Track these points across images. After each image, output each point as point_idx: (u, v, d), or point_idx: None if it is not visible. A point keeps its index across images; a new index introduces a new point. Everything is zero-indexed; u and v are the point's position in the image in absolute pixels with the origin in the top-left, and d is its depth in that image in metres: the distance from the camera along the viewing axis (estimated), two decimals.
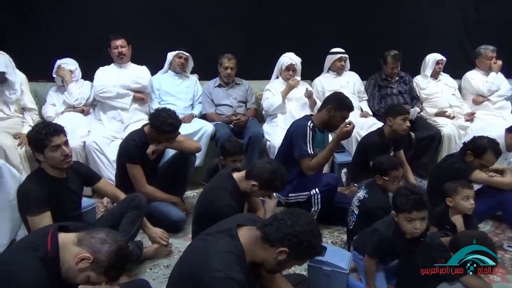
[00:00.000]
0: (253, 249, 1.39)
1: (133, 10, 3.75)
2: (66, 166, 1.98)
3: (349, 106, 2.59)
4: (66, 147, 1.96)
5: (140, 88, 3.39)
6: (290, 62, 3.48)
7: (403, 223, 1.84)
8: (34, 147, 1.94)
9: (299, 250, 1.37)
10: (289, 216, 1.39)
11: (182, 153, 2.69)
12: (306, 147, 2.53)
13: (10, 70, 2.95)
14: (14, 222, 2.11)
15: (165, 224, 2.52)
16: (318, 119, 2.63)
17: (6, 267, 1.31)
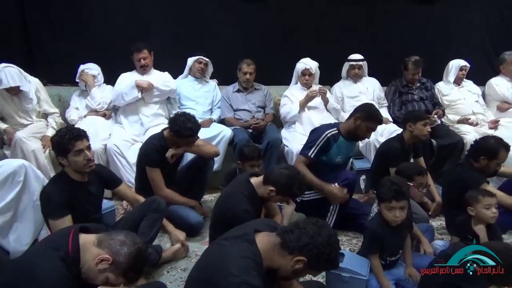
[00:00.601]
0: (270, 255, 1.39)
1: (155, 17, 3.82)
2: (88, 170, 2.03)
3: (377, 118, 2.55)
4: (89, 152, 2.00)
5: (168, 92, 3.43)
6: (305, 67, 3.48)
7: (385, 212, 1.95)
8: (58, 151, 1.99)
9: (317, 261, 1.35)
10: (312, 226, 1.38)
11: (200, 157, 2.71)
12: (310, 150, 2.56)
13: (23, 81, 2.96)
14: (37, 222, 2.16)
15: (183, 228, 2.54)
16: (345, 127, 2.61)
17: (29, 266, 1.35)
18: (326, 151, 2.57)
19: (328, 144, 2.56)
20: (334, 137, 2.57)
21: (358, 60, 3.67)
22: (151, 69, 3.51)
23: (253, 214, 1.97)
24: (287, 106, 3.45)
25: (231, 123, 3.42)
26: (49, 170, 3.00)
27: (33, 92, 3.07)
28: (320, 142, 2.55)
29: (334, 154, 2.60)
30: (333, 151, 2.58)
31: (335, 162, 2.63)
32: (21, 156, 2.85)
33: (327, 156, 2.59)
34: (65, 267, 1.33)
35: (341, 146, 2.60)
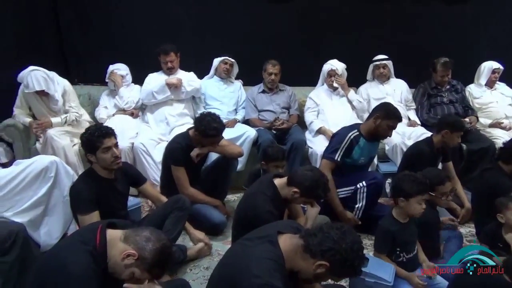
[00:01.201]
0: (293, 257, 1.38)
1: (182, 18, 3.87)
2: (115, 167, 2.08)
3: (397, 115, 2.56)
4: (116, 149, 2.06)
5: (193, 91, 3.48)
6: (331, 68, 3.45)
7: (414, 206, 1.94)
8: (87, 148, 2.05)
9: (339, 267, 1.33)
10: (336, 231, 1.35)
11: (224, 157, 2.73)
12: (335, 153, 2.57)
13: (49, 85, 3.03)
14: (66, 216, 2.22)
15: (206, 227, 2.57)
16: (365, 128, 2.63)
17: (58, 259, 1.39)
18: (350, 153, 2.60)
19: (351, 146, 2.59)
20: (356, 138, 2.59)
21: (382, 59, 3.62)
22: (177, 70, 3.57)
23: (276, 215, 1.97)
24: (311, 116, 3.43)
25: (255, 124, 3.43)
26: (78, 167, 3.09)
27: (59, 94, 3.15)
28: (344, 145, 2.58)
29: (357, 156, 2.62)
30: (356, 152, 2.61)
31: (359, 163, 2.66)
32: (51, 152, 2.95)
33: (351, 158, 2.61)
34: (92, 261, 1.37)
35: (363, 147, 2.62)
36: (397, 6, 3.85)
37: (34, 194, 2.08)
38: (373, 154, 2.81)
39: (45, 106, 3.14)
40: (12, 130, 3.14)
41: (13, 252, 1.81)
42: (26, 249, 1.87)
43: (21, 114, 3.14)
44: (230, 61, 3.59)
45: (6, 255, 1.79)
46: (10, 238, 1.80)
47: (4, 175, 2.06)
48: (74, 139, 3.19)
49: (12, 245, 1.81)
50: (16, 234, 1.83)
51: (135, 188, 2.38)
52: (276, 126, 3.36)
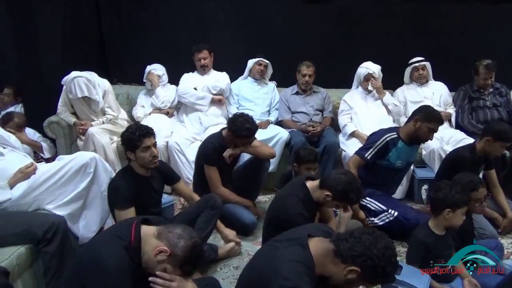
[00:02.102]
0: (323, 261, 1.36)
1: (217, 20, 3.92)
2: (153, 166, 2.15)
3: (437, 118, 2.48)
4: (155, 149, 2.12)
5: (218, 91, 3.53)
6: (367, 72, 3.38)
7: (459, 218, 1.88)
8: (127, 146, 2.12)
9: (371, 273, 1.30)
10: (367, 236, 1.32)
11: (256, 158, 2.74)
12: (367, 151, 2.54)
13: (91, 90, 3.17)
14: (103, 211, 2.29)
15: (236, 226, 2.58)
16: (405, 131, 2.57)
17: (95, 252, 1.45)
18: (384, 155, 2.53)
19: (387, 148, 2.53)
20: (394, 141, 2.53)
21: (420, 60, 3.51)
22: (211, 70, 3.62)
23: (308, 218, 1.95)
24: (345, 119, 3.39)
25: (288, 126, 3.42)
26: (116, 164, 3.21)
27: (100, 96, 3.28)
28: (378, 145, 2.52)
29: (394, 159, 2.55)
30: (392, 155, 2.54)
31: (396, 167, 2.59)
32: (92, 149, 3.08)
33: (387, 160, 2.55)
34: (127, 255, 1.41)
35: (400, 151, 2.55)
36: (437, 6, 3.72)
37: (74, 188, 2.16)
38: (412, 159, 2.73)
39: (87, 106, 3.28)
40: (55, 127, 3.30)
41: (54, 243, 1.88)
42: (66, 240, 1.95)
43: (64, 112, 3.30)
44: (265, 62, 3.60)
45: (47, 245, 1.87)
46: (52, 230, 1.88)
47: (47, 170, 2.16)
48: (113, 137, 3.31)
49: (54, 236, 1.88)
50: (57, 226, 1.91)
51: (169, 186, 2.43)
52: (312, 132, 3.31)
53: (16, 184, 2.08)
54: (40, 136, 3.38)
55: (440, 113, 2.53)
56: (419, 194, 3.05)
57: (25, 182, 2.10)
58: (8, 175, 2.09)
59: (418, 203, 3.05)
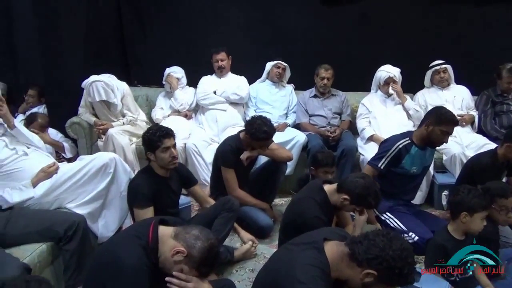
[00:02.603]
0: (339, 265, 1.35)
1: (237, 23, 3.94)
2: (172, 167, 2.18)
3: (450, 119, 2.37)
4: (174, 150, 2.15)
5: (237, 100, 3.55)
6: (388, 75, 3.34)
7: (477, 222, 1.85)
8: (147, 147, 2.16)
9: (388, 275, 1.28)
10: (382, 238, 1.30)
11: (273, 161, 2.74)
12: (380, 160, 2.46)
13: (109, 94, 3.24)
14: (122, 211, 2.34)
15: (252, 229, 2.59)
16: (417, 136, 2.48)
17: (114, 251, 1.47)
18: (398, 163, 2.45)
19: (400, 156, 2.44)
20: (406, 147, 2.45)
21: (441, 63, 3.44)
22: (228, 73, 3.65)
23: (324, 222, 1.94)
24: (363, 122, 3.35)
25: (306, 129, 3.40)
26: (134, 165, 3.26)
27: (119, 99, 3.35)
28: (391, 153, 2.44)
29: (408, 165, 2.47)
30: (406, 162, 2.46)
31: (411, 173, 2.51)
32: (112, 149, 3.14)
33: (401, 168, 2.47)
34: (145, 255, 1.43)
35: (414, 156, 2.47)
36: (458, 8, 3.64)
37: (94, 188, 2.21)
38: (427, 163, 2.64)
39: (106, 108, 3.35)
40: (77, 128, 3.37)
41: (74, 241, 1.93)
42: (85, 239, 2.00)
43: (85, 113, 3.38)
44: (283, 65, 3.60)
45: (68, 243, 1.92)
46: (73, 228, 1.93)
47: (68, 169, 2.22)
48: (133, 138, 3.38)
49: (74, 234, 1.93)
50: (78, 224, 1.95)
51: (185, 188, 2.46)
52: (332, 137, 3.26)
53: (39, 183, 2.14)
54: (62, 136, 3.46)
55: (453, 114, 2.42)
56: (439, 200, 2.99)
57: (47, 181, 2.15)
58: (32, 175, 2.14)
59: (438, 209, 2.99)
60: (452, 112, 2.45)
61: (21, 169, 2.13)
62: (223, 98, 3.53)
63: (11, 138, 2.20)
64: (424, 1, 3.67)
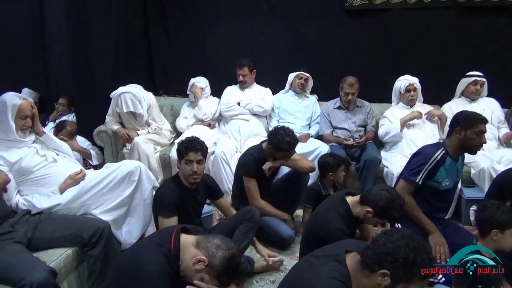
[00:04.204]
0: (359, 276, 1.33)
1: (261, 33, 3.98)
2: (191, 181, 2.19)
3: (478, 118, 2.25)
4: (198, 165, 2.16)
5: (261, 112, 3.57)
6: (409, 82, 3.28)
7: (508, 239, 1.78)
8: (177, 155, 2.23)
9: (398, 269, 1.25)
10: (382, 235, 1.32)
11: (296, 172, 2.72)
12: (417, 175, 2.27)
13: (136, 105, 3.34)
14: (145, 218, 2.37)
15: (273, 240, 2.58)
16: (452, 146, 2.32)
17: (137, 258, 1.49)
18: (433, 175, 2.30)
19: (436, 168, 2.30)
20: (443, 158, 2.30)
21: (480, 75, 3.30)
22: (253, 84, 3.68)
23: (347, 234, 1.91)
24: (386, 126, 3.28)
25: (328, 140, 3.36)
26: (158, 173, 3.32)
27: (145, 110, 3.44)
28: (428, 166, 2.28)
29: (441, 178, 2.32)
30: (441, 174, 2.31)
31: (443, 187, 2.34)
32: (137, 157, 3.20)
33: (434, 181, 2.32)
34: (166, 262, 1.45)
35: (448, 168, 2.32)
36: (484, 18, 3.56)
37: (119, 195, 2.24)
38: (458, 178, 2.51)
39: (133, 118, 3.45)
40: (104, 136, 3.47)
41: (99, 247, 1.97)
42: (109, 245, 2.03)
43: (111, 121, 3.47)
44: (305, 75, 3.60)
45: (92, 249, 1.96)
46: (97, 234, 1.97)
47: (95, 176, 2.26)
48: (157, 147, 3.45)
49: (98, 240, 1.97)
50: (102, 230, 1.99)
51: (212, 200, 2.48)
52: (357, 144, 3.23)
53: (66, 189, 2.19)
54: (89, 144, 3.56)
55: (477, 113, 2.30)
56: (467, 215, 2.89)
57: (74, 187, 2.20)
58: (60, 181, 2.20)
59: (465, 224, 2.89)
60: (475, 112, 2.35)
61: (50, 175, 2.19)
62: (246, 110, 3.55)
63: (41, 145, 2.27)
64: (449, 12, 3.61)
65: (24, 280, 1.56)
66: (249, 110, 3.56)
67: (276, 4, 3.90)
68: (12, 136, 2.13)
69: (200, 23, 4.08)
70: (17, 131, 2.14)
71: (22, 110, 2.14)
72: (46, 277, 1.61)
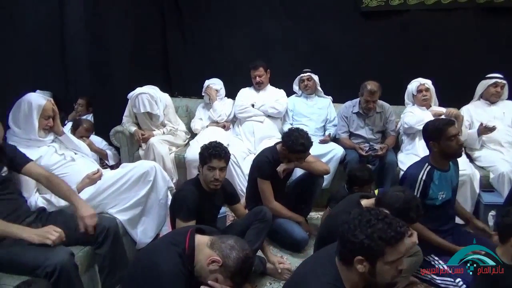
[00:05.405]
0: (346, 273, 1.33)
1: (276, 35, 3.98)
2: (212, 187, 2.20)
3: (443, 124, 2.22)
4: (220, 172, 2.16)
5: (275, 114, 3.57)
6: (419, 83, 3.23)
7: None
8: (199, 159, 2.21)
9: (367, 250, 1.25)
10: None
11: (310, 174, 2.71)
12: None
13: (153, 106, 3.38)
14: (160, 218, 2.39)
15: (287, 242, 2.57)
16: (434, 159, 2.28)
17: (152, 257, 1.51)
18: (426, 195, 2.23)
19: (426, 188, 2.23)
20: (430, 175, 2.24)
21: (501, 78, 3.21)
22: (267, 86, 3.68)
23: None
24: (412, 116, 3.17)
25: (344, 144, 3.28)
26: (173, 174, 3.34)
27: (161, 110, 3.48)
28: (417, 190, 2.22)
29: (435, 194, 2.24)
30: (433, 191, 2.24)
31: (440, 201, 2.27)
32: (152, 158, 3.24)
33: (429, 199, 2.24)
34: (181, 262, 1.46)
35: (439, 182, 2.25)
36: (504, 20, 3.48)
37: (135, 195, 2.26)
38: (454, 183, 2.37)
39: (149, 119, 3.48)
40: (120, 136, 3.52)
41: (105, 246, 1.97)
42: (117, 244, 2.03)
43: (128, 122, 3.52)
44: (305, 76, 3.56)
45: (99, 247, 1.97)
46: (103, 233, 1.97)
47: (111, 176, 2.29)
48: (172, 148, 3.48)
49: (105, 239, 1.97)
50: (108, 229, 1.99)
51: (229, 205, 2.49)
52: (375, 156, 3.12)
53: (84, 188, 2.22)
54: (106, 144, 3.62)
55: (441, 118, 2.30)
56: (486, 220, 2.83)
57: (91, 187, 2.23)
58: (78, 180, 2.24)
59: None
60: (438, 118, 2.37)
61: (68, 174, 2.22)
62: (260, 112, 3.56)
63: (60, 144, 2.31)
64: (468, 13, 3.55)
65: (47, 261, 1.58)
66: (263, 111, 3.56)
67: (291, 6, 3.90)
68: (33, 136, 2.17)
69: (216, 26, 4.10)
70: (39, 130, 2.19)
71: (46, 111, 2.19)
72: (69, 258, 1.65)
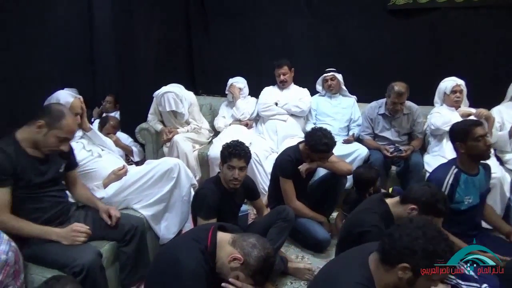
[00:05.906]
0: (380, 274, 1.30)
1: (301, 34, 3.96)
2: (231, 186, 2.21)
3: (469, 124, 2.16)
4: (240, 172, 2.17)
5: (298, 113, 3.55)
6: (455, 83, 3.11)
7: None
8: (220, 157, 2.24)
9: (418, 261, 1.22)
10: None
11: (333, 174, 2.69)
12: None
13: (178, 105, 3.42)
14: (183, 215, 2.42)
15: (309, 243, 2.56)
16: (462, 162, 2.21)
17: (174, 253, 1.53)
18: (452, 199, 2.15)
19: (452, 191, 2.16)
20: (455, 179, 2.17)
21: None
22: (291, 84, 3.66)
23: None
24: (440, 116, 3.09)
25: (369, 145, 3.21)
26: (196, 171, 3.38)
27: (186, 109, 3.53)
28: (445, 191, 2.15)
29: (461, 198, 2.17)
30: (459, 195, 2.17)
31: (465, 206, 2.19)
32: (176, 155, 3.28)
33: (454, 202, 2.17)
34: (203, 258, 1.47)
35: (466, 186, 2.18)
36: None
37: (159, 191, 2.30)
38: (483, 188, 2.27)
39: (173, 117, 3.54)
40: (145, 133, 3.58)
41: (132, 245, 2.01)
42: (142, 243, 2.08)
43: (153, 120, 3.58)
44: (329, 75, 3.53)
45: (126, 246, 2.01)
46: (131, 232, 2.02)
47: (136, 172, 2.34)
48: (196, 145, 3.52)
49: (132, 238, 2.02)
50: (136, 228, 2.04)
51: (250, 201, 2.51)
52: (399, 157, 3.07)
53: (110, 184, 2.29)
54: (132, 141, 3.70)
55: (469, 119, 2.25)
56: None
57: (117, 182, 2.29)
58: (104, 175, 2.30)
59: None
60: (465, 119, 2.31)
61: (95, 170, 2.29)
62: (284, 110, 3.55)
63: (88, 140, 2.38)
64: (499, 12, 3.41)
65: (76, 261, 1.65)
66: (287, 110, 3.55)
67: (316, 4, 3.87)
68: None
69: (240, 25, 4.12)
70: None
71: (74, 108, 2.23)
72: (95, 259, 1.70)
